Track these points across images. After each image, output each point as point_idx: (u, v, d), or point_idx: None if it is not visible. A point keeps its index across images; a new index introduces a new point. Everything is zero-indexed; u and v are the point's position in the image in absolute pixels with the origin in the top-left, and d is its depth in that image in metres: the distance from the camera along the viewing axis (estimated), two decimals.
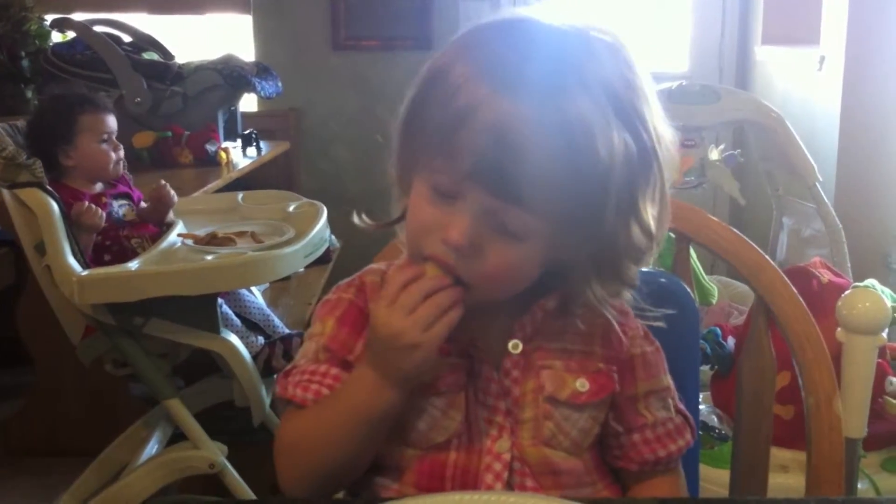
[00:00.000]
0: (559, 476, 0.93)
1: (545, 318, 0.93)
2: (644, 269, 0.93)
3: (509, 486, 0.91)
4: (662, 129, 0.87)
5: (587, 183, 0.82)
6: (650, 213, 0.86)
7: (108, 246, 2.31)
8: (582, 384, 0.93)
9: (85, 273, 1.98)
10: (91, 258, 2.23)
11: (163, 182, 2.42)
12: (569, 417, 0.93)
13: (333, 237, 3.21)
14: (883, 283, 1.91)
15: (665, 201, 0.88)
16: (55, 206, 2.05)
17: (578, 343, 0.94)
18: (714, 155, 2.76)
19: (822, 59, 3.39)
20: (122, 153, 2.43)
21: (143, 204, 2.48)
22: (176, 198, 2.42)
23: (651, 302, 0.97)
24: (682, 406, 1.00)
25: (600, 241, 0.86)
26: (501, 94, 0.81)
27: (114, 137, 2.41)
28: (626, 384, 0.96)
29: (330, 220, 2.42)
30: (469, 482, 0.91)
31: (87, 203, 2.23)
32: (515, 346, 0.92)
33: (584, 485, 0.95)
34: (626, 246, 0.86)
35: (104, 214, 2.26)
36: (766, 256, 1.15)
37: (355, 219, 0.97)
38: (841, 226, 2.78)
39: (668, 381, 0.99)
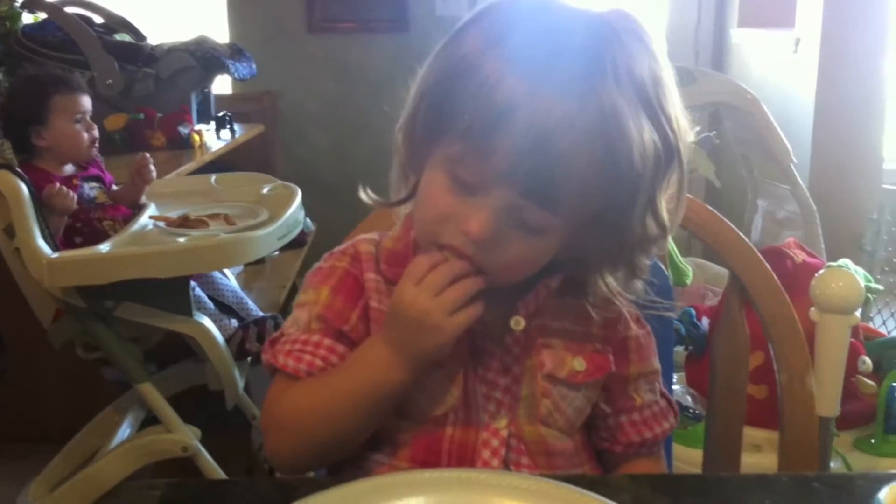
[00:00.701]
0: (552, 456, 0.93)
1: (548, 296, 0.93)
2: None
3: (506, 464, 0.91)
4: (683, 121, 0.86)
5: (618, 186, 0.82)
6: (666, 207, 0.86)
7: (79, 228, 2.28)
8: (580, 363, 0.93)
9: (55, 255, 1.95)
10: (62, 241, 2.20)
11: (146, 154, 2.39)
12: (565, 396, 0.93)
13: (308, 220, 3.19)
14: (856, 263, 1.92)
15: (683, 195, 0.88)
16: (25, 188, 2.02)
17: (578, 323, 0.95)
18: (689, 137, 2.76)
19: (798, 41, 3.39)
20: (96, 133, 2.41)
21: (114, 187, 2.46)
22: (155, 173, 2.39)
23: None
24: (665, 390, 1.02)
25: (616, 238, 0.86)
26: (540, 92, 0.79)
27: (87, 118, 2.39)
28: (619, 366, 0.97)
29: (305, 202, 2.40)
30: (466, 458, 0.91)
31: (57, 185, 2.20)
32: (518, 322, 0.91)
33: (574, 465, 0.96)
34: (641, 239, 0.86)
35: (75, 197, 2.23)
36: (740, 233, 1.15)
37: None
38: (815, 207, 2.79)
39: (657, 364, 1.00)
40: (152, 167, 2.38)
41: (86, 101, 2.39)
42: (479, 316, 0.85)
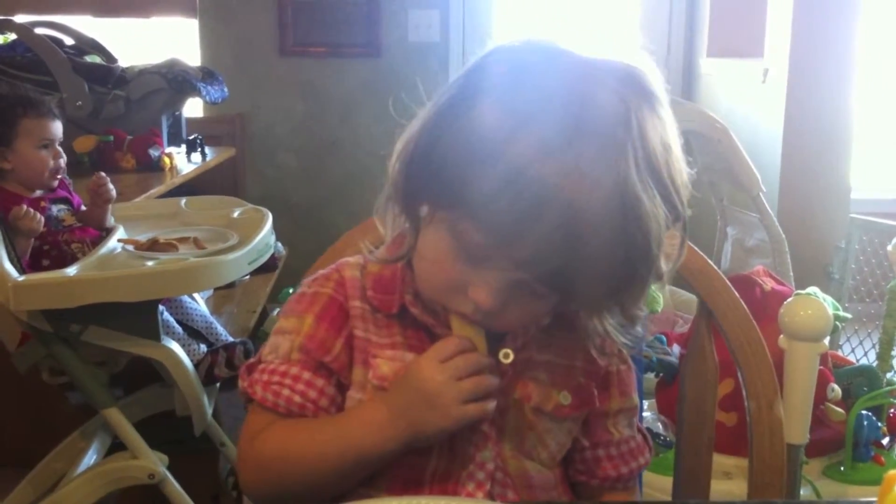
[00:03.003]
0: (533, 489, 0.93)
1: (536, 330, 0.93)
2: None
3: (490, 497, 0.90)
4: (684, 180, 0.84)
5: (633, 273, 0.80)
6: (664, 272, 0.84)
7: (46, 251, 2.25)
8: (565, 397, 0.93)
9: (21, 279, 1.92)
10: (28, 263, 2.17)
11: (101, 174, 2.36)
12: (549, 429, 0.93)
13: (279, 244, 3.18)
14: (824, 291, 1.93)
15: (683, 250, 0.87)
16: None
17: (563, 356, 0.95)
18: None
19: (766, 71, 3.44)
20: (62, 162, 2.36)
21: (83, 208, 2.43)
22: (114, 192, 2.36)
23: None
24: (641, 425, 1.02)
25: (619, 293, 0.84)
26: (571, 178, 0.75)
27: (56, 145, 2.34)
28: (601, 400, 0.97)
29: (276, 226, 2.39)
30: (448, 489, 0.90)
31: (25, 207, 2.17)
32: (506, 355, 0.89)
33: (553, 498, 0.95)
34: (641, 294, 0.85)
35: (42, 219, 2.20)
36: (709, 260, 1.16)
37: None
38: (784, 236, 2.81)
39: (636, 400, 1.00)
40: (110, 185, 2.34)
41: (55, 128, 2.34)
42: (489, 414, 0.85)
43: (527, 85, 0.78)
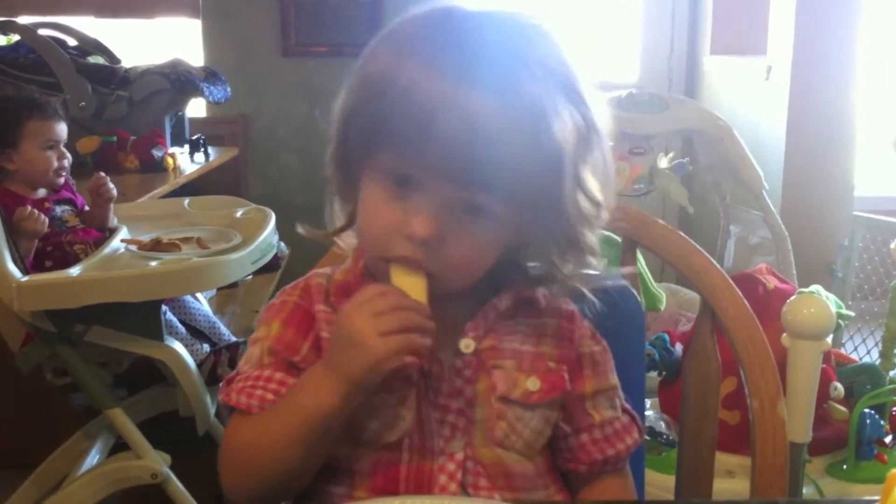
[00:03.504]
0: (512, 478, 0.92)
1: (497, 318, 0.93)
2: (591, 273, 0.94)
3: (463, 487, 0.90)
4: (597, 100, 0.89)
5: (545, 162, 0.84)
6: (594, 184, 0.88)
7: (50, 252, 2.26)
8: (533, 383, 0.92)
9: (24, 279, 1.93)
10: (32, 264, 2.18)
11: (101, 173, 2.37)
12: (521, 417, 0.92)
13: (282, 244, 3.18)
14: (827, 289, 1.93)
15: (608, 169, 0.90)
16: None
17: (529, 343, 0.94)
18: (663, 163, 2.78)
19: (769, 69, 3.43)
20: (66, 162, 2.38)
21: (86, 208, 2.44)
22: (115, 191, 2.37)
23: (597, 306, 0.98)
24: (627, 405, 1.01)
25: (555, 216, 0.87)
26: (460, 88, 0.81)
27: (61, 146, 2.36)
28: (576, 383, 0.96)
29: (278, 226, 2.39)
30: (424, 483, 0.90)
31: (29, 208, 2.18)
32: (468, 345, 0.91)
33: (537, 488, 0.95)
34: (576, 216, 0.88)
35: (46, 220, 2.21)
36: (712, 260, 1.16)
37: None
38: (787, 233, 2.81)
39: (615, 380, 0.99)
40: (110, 185, 2.35)
41: (60, 129, 2.36)
42: (415, 347, 0.84)
43: (416, 28, 0.87)
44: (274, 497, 0.91)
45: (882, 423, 1.98)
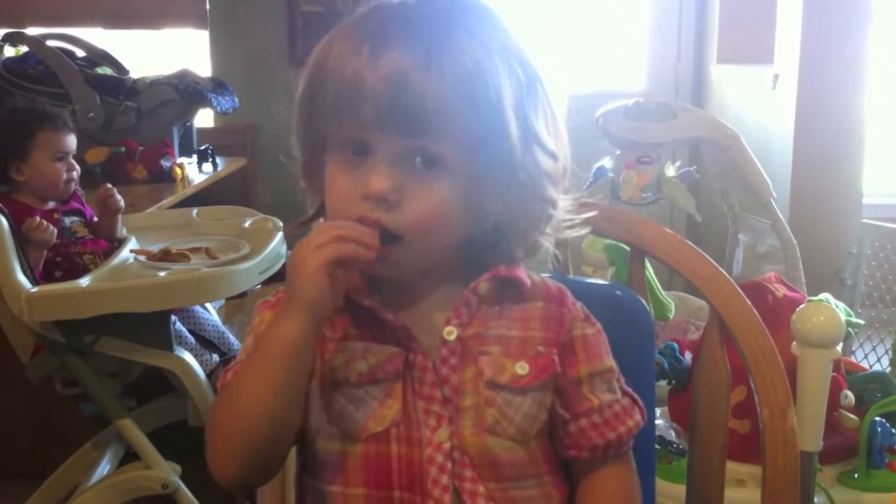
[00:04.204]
0: (499, 468, 0.92)
1: (480, 304, 0.93)
2: (599, 282, 0.94)
3: (452, 478, 0.90)
4: (536, 62, 0.92)
5: (485, 106, 0.86)
6: (548, 138, 0.91)
7: (59, 262, 2.27)
8: (522, 367, 0.92)
9: (34, 290, 1.94)
10: (42, 275, 2.19)
11: (107, 185, 2.38)
12: (511, 402, 0.92)
13: (290, 253, 3.19)
14: (836, 297, 1.92)
15: (557, 126, 0.93)
16: (4, 221, 2.01)
17: (516, 328, 0.94)
18: (670, 171, 2.78)
19: (776, 77, 3.43)
20: (75, 174, 2.39)
21: (95, 219, 2.45)
22: (122, 202, 2.38)
23: (605, 315, 0.98)
24: (628, 388, 1.00)
25: (512, 171, 0.89)
26: (389, 49, 0.85)
27: (70, 158, 2.37)
28: (569, 367, 0.95)
29: (286, 236, 2.39)
30: (415, 476, 0.90)
31: (38, 219, 2.19)
32: (450, 332, 0.92)
33: (527, 476, 0.94)
34: (535, 170, 0.90)
35: (55, 231, 2.22)
36: (721, 269, 1.16)
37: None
38: (795, 241, 2.80)
39: (612, 362, 0.98)
40: (118, 196, 2.36)
41: (70, 141, 2.38)
42: (347, 253, 0.85)
43: (351, 18, 0.92)
44: (261, 462, 0.89)
45: (893, 431, 1.98)
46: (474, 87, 0.86)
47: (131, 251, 2.22)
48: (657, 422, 2.08)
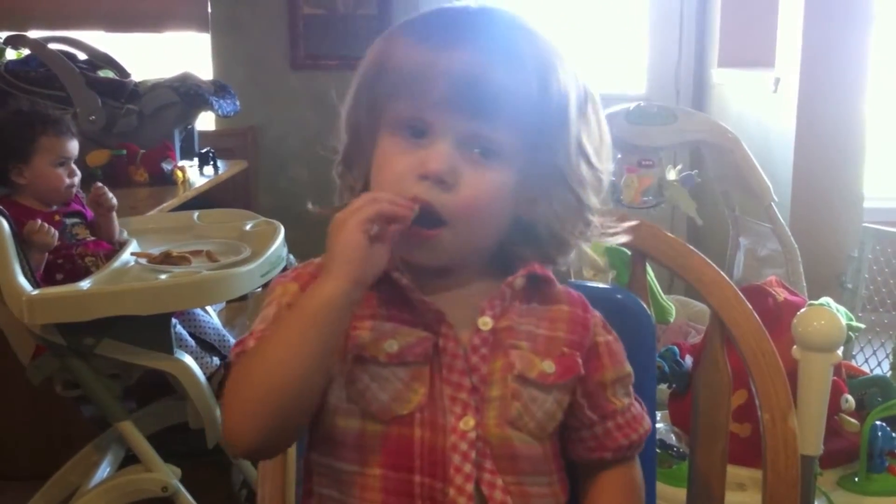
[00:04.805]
0: (517, 461, 0.93)
1: (513, 298, 0.94)
2: (600, 286, 0.95)
3: (475, 467, 0.90)
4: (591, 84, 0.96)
5: (554, 102, 0.90)
6: (593, 153, 0.94)
7: (60, 265, 2.27)
8: (549, 366, 0.93)
9: (35, 292, 1.94)
10: (43, 277, 2.19)
11: (98, 184, 2.38)
12: (536, 398, 0.93)
13: (291, 256, 3.18)
14: (837, 301, 1.93)
15: (604, 139, 0.96)
16: (5, 223, 2.01)
17: (543, 327, 0.95)
18: (671, 175, 2.78)
19: (777, 81, 3.43)
20: (77, 179, 2.39)
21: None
22: (114, 200, 2.37)
23: (607, 318, 1.00)
24: (634, 394, 1.03)
25: (562, 173, 0.92)
26: (463, 38, 0.88)
27: (72, 163, 2.37)
28: (595, 371, 0.97)
29: (288, 239, 2.39)
30: (437, 462, 0.90)
31: (39, 221, 2.19)
32: (485, 323, 0.93)
33: (540, 473, 0.95)
34: (579, 179, 0.93)
35: (56, 233, 2.22)
36: (722, 272, 1.16)
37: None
38: (796, 245, 2.80)
39: (629, 368, 1.01)
40: (109, 194, 2.35)
41: (72, 146, 2.37)
42: (383, 211, 0.85)
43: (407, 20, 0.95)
44: (284, 427, 0.87)
45: (894, 435, 1.97)
46: (546, 82, 0.89)
47: (132, 254, 2.22)
48: (658, 425, 2.08)
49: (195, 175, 3.38)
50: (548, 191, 0.92)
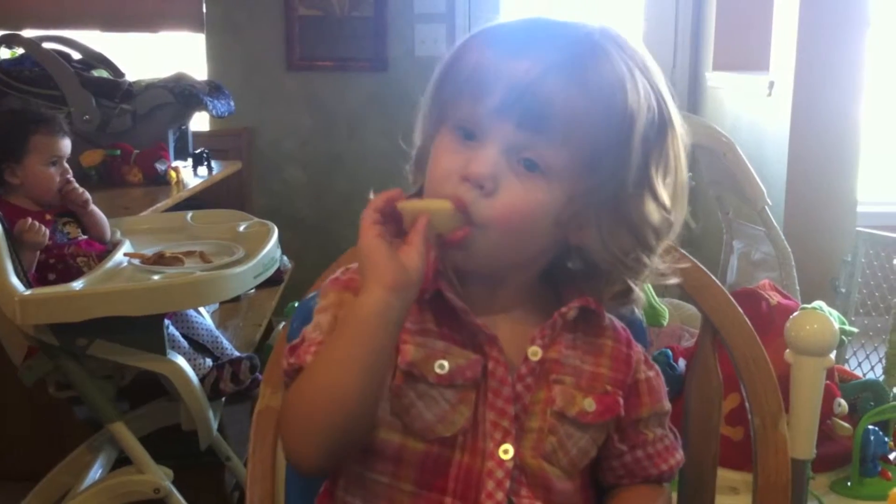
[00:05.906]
0: (552, 492, 0.92)
1: (563, 329, 0.94)
2: None
3: (508, 497, 0.90)
4: (676, 109, 0.91)
5: (614, 126, 0.86)
6: (664, 190, 0.90)
7: (53, 264, 2.26)
8: (590, 404, 0.93)
9: (27, 293, 1.93)
10: (35, 277, 2.18)
11: (66, 177, 2.36)
12: (572, 436, 0.93)
13: (285, 258, 3.18)
14: (830, 305, 1.93)
15: (681, 179, 0.92)
16: None
17: (589, 362, 0.95)
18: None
19: (772, 84, 3.44)
20: (69, 178, 2.38)
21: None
22: (87, 194, 2.36)
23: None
24: (673, 427, 1.02)
25: (615, 205, 0.88)
26: (533, 48, 0.87)
27: (64, 162, 2.36)
28: (632, 408, 0.96)
29: (282, 240, 2.39)
30: (472, 485, 0.90)
31: (29, 220, 2.18)
32: (535, 353, 0.92)
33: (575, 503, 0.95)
34: (640, 215, 0.89)
35: (48, 232, 2.21)
36: (713, 277, 1.16)
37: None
38: (790, 249, 2.80)
39: (668, 405, 1.00)
40: (79, 188, 2.34)
41: (65, 145, 2.36)
42: (383, 199, 0.86)
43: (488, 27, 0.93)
44: (340, 446, 0.86)
45: (886, 439, 1.98)
46: (611, 101, 0.86)
47: (125, 254, 2.22)
48: None
49: (189, 176, 3.37)
50: (598, 219, 0.89)
